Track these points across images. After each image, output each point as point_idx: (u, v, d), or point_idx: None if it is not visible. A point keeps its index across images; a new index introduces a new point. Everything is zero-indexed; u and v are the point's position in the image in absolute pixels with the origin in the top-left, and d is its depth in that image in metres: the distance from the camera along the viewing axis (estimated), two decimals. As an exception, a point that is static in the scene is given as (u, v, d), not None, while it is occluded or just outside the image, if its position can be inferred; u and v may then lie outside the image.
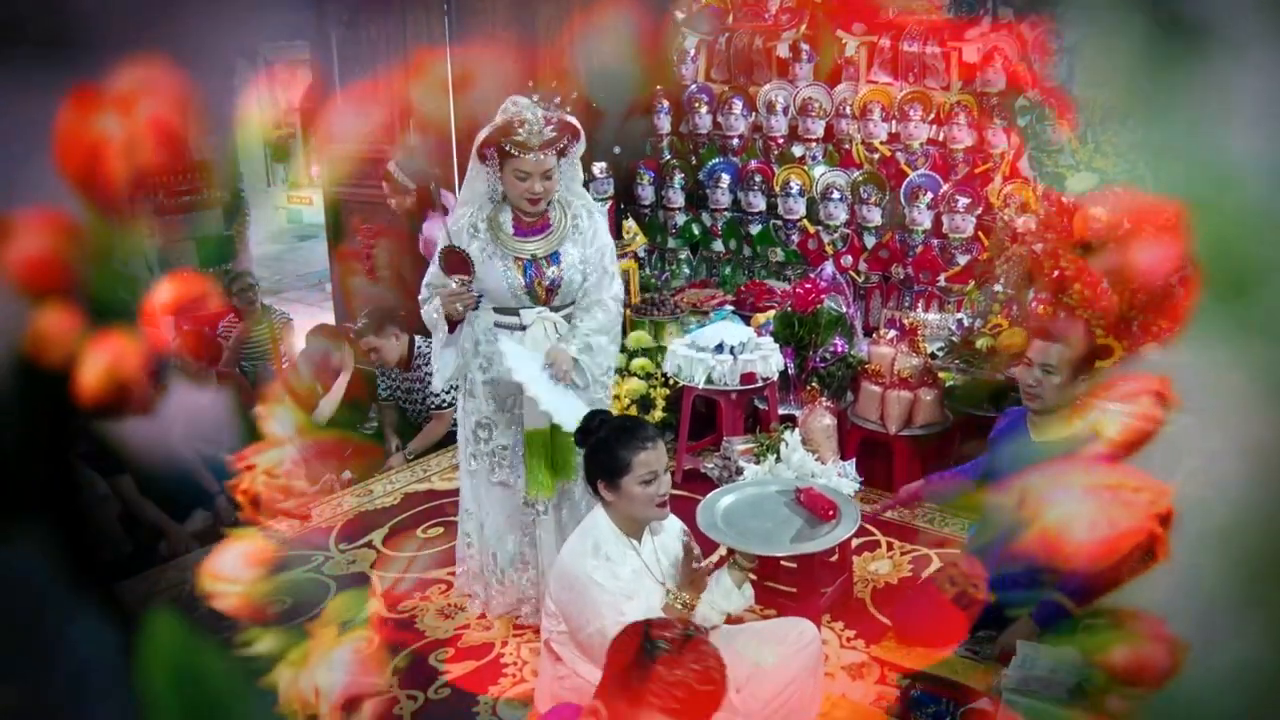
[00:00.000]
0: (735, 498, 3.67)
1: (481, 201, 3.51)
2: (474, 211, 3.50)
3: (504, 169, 3.39)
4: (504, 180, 3.41)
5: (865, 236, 5.63)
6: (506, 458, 3.63)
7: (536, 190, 3.36)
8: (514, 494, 3.65)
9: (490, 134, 3.34)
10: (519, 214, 3.47)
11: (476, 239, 3.46)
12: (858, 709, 3.29)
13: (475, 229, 3.47)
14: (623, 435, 2.91)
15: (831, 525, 3.48)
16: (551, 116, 3.34)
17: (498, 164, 3.41)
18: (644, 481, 2.88)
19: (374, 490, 4.99)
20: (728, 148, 6.13)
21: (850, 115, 5.65)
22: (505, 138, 3.31)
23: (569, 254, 3.50)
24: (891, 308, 5.57)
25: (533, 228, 3.48)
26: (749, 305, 5.60)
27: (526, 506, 3.61)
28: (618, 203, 6.08)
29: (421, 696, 3.39)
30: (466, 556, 3.90)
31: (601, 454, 2.93)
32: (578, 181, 3.62)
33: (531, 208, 3.42)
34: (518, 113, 3.30)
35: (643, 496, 2.89)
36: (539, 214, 3.46)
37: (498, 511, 3.71)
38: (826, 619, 3.71)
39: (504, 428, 3.61)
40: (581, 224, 3.54)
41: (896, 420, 4.73)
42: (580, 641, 2.89)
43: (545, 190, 3.38)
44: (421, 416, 5.44)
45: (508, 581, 3.76)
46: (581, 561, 2.88)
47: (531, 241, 3.48)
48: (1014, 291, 4.68)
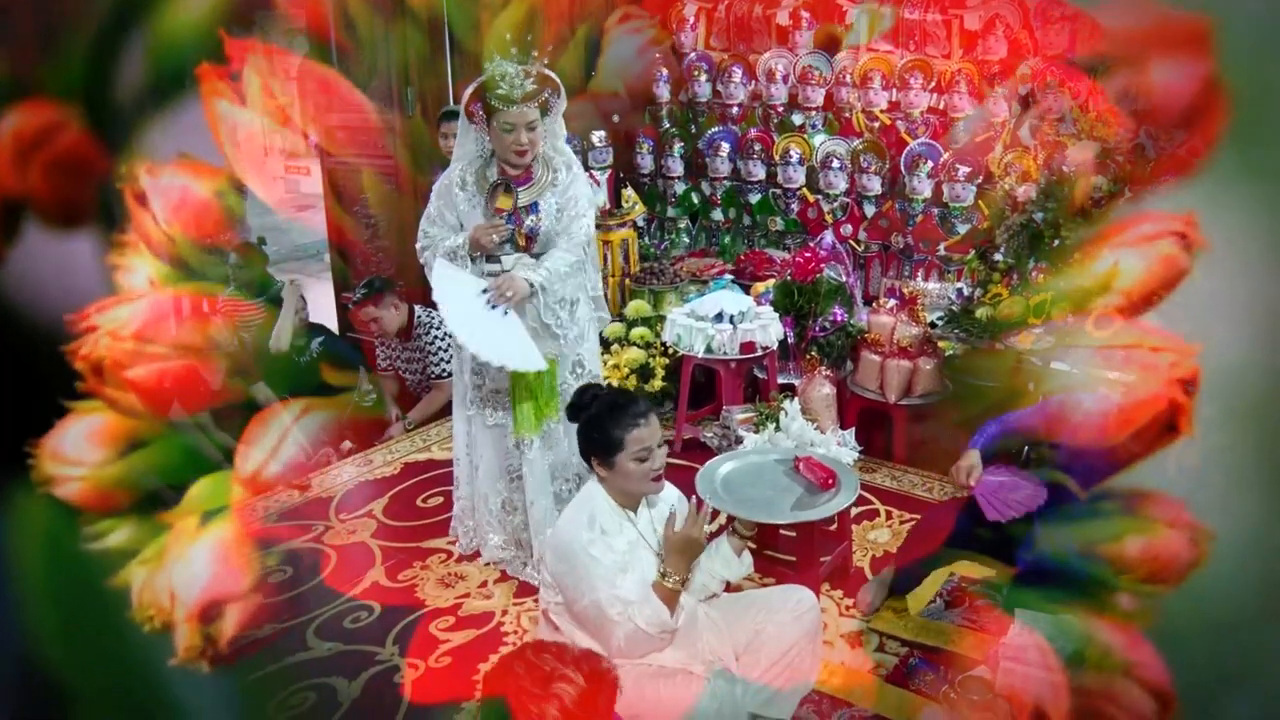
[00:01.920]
0: (734, 465, 3.70)
1: (472, 158, 3.72)
2: (464, 166, 3.72)
3: (491, 124, 3.57)
4: (492, 136, 3.60)
5: (865, 205, 5.61)
6: (502, 401, 3.77)
7: (522, 142, 3.53)
8: (505, 435, 3.80)
9: (474, 90, 3.55)
10: (505, 168, 3.64)
11: (464, 190, 3.69)
12: (856, 676, 3.31)
13: (464, 182, 3.69)
14: (615, 412, 2.90)
15: (831, 494, 3.50)
16: (530, 70, 3.51)
17: (485, 120, 3.60)
18: (638, 458, 2.88)
19: (374, 460, 5.00)
20: (727, 116, 6.10)
21: (850, 83, 5.62)
22: (490, 92, 3.49)
23: (547, 203, 3.68)
24: (891, 277, 5.56)
25: (517, 180, 3.65)
26: (748, 274, 5.59)
27: (515, 449, 3.78)
28: (616, 171, 6.05)
29: (422, 665, 3.41)
30: (457, 498, 4.08)
31: (594, 432, 2.93)
32: (560, 138, 3.79)
33: (518, 159, 3.59)
34: (498, 67, 3.48)
35: (637, 472, 2.90)
36: (524, 166, 3.63)
37: (491, 454, 3.87)
38: (826, 587, 3.73)
39: (495, 372, 3.71)
40: (560, 177, 3.71)
41: (896, 389, 4.73)
42: (576, 613, 2.90)
43: (530, 142, 3.55)
44: (421, 386, 5.44)
45: (499, 525, 3.93)
46: (577, 534, 2.89)
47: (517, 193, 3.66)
48: (1014, 260, 4.67)
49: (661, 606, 2.85)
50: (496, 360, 3.51)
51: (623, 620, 2.81)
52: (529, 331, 3.60)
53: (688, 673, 2.88)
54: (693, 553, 2.96)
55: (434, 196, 3.77)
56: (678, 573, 2.90)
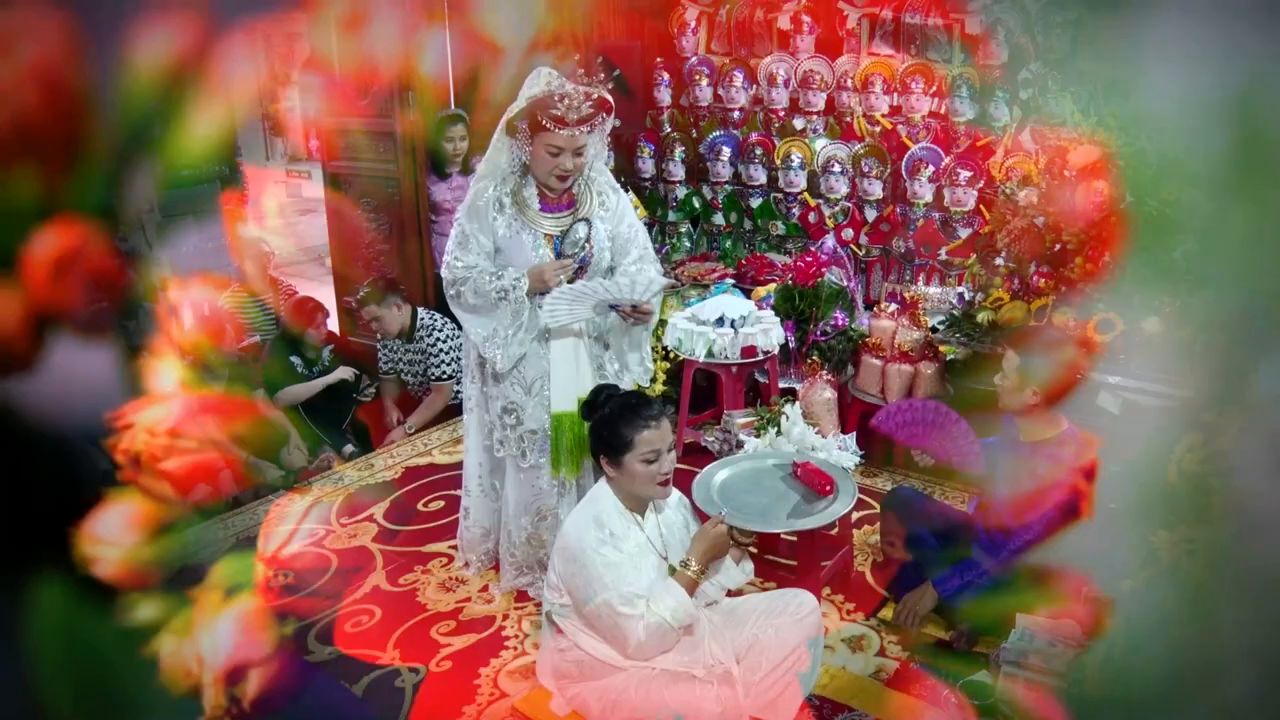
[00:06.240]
0: (731, 472, 3.66)
1: (504, 175, 3.43)
2: (496, 185, 3.42)
3: (534, 142, 3.30)
4: (533, 154, 3.33)
5: (866, 210, 5.61)
6: (536, 442, 3.57)
7: (567, 167, 3.30)
8: (539, 476, 3.61)
9: (526, 106, 3.25)
10: (544, 189, 3.41)
11: (502, 214, 3.40)
12: (857, 681, 3.31)
13: (500, 204, 3.40)
14: (627, 412, 2.92)
15: (828, 500, 3.47)
16: (592, 92, 3.25)
17: (528, 137, 3.31)
18: (646, 460, 2.89)
19: (375, 464, 5.00)
20: (728, 120, 6.10)
21: (852, 88, 5.62)
22: (542, 111, 3.22)
23: (598, 230, 3.46)
24: (892, 281, 5.56)
25: (558, 204, 3.43)
26: (750, 279, 5.59)
27: (548, 489, 3.61)
28: (617, 176, 6.04)
29: (423, 669, 3.41)
30: (466, 526, 3.93)
31: (605, 429, 2.94)
32: (601, 158, 3.58)
33: (559, 184, 3.37)
34: (559, 87, 3.21)
35: (645, 474, 2.91)
36: (563, 191, 3.41)
37: (521, 494, 3.65)
38: (826, 592, 3.72)
39: (531, 411, 3.54)
40: (609, 201, 3.51)
41: (897, 394, 4.73)
42: (586, 615, 2.90)
43: (575, 167, 3.32)
44: (422, 389, 5.44)
45: (519, 556, 3.76)
46: (585, 534, 2.89)
47: (559, 217, 3.44)
48: (1015, 265, 4.68)
49: (683, 594, 2.86)
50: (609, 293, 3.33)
51: (641, 616, 2.81)
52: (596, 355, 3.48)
53: (690, 677, 2.88)
54: (718, 550, 2.98)
55: (464, 218, 3.45)
56: (699, 563, 2.92)
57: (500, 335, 3.43)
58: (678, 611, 2.84)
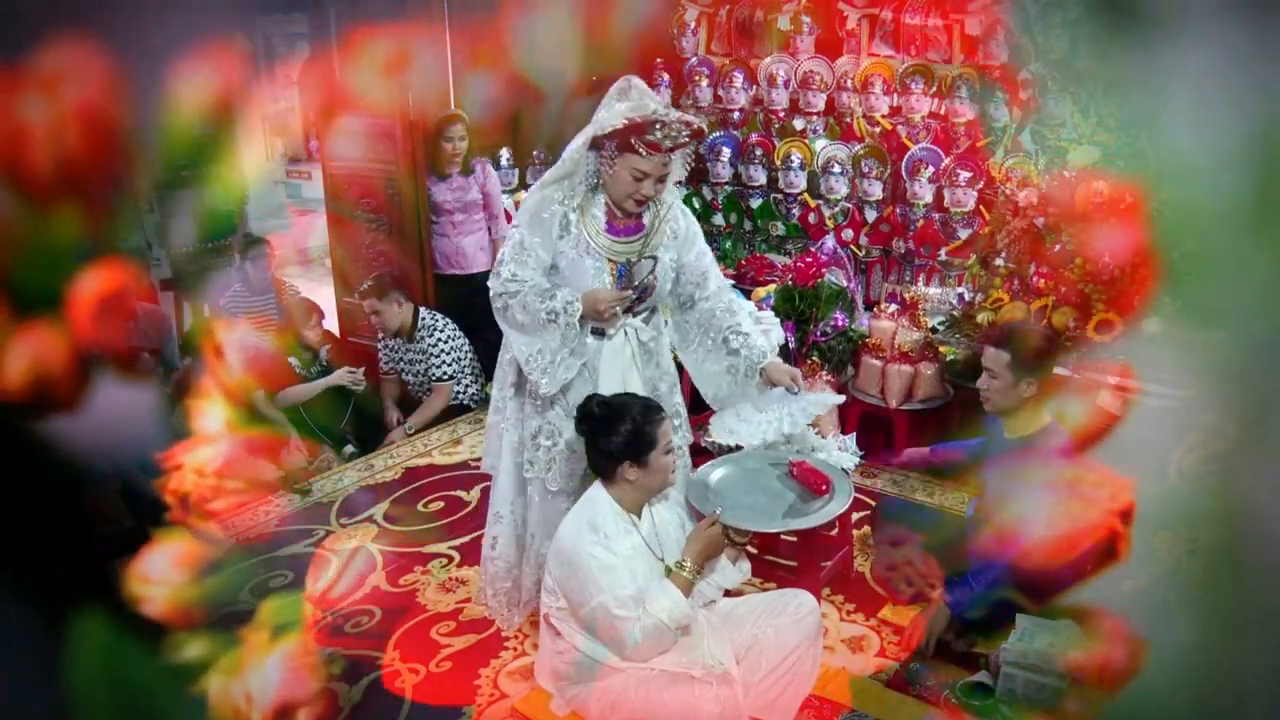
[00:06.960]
0: (726, 471, 3.59)
1: (574, 187, 3.19)
2: (565, 198, 3.18)
3: (618, 163, 3.09)
4: (614, 174, 3.11)
5: (866, 210, 5.61)
6: (570, 460, 3.34)
7: (647, 192, 3.10)
8: (565, 499, 3.37)
9: (623, 127, 3.02)
10: (614, 209, 3.20)
11: (568, 235, 3.18)
12: (857, 681, 3.31)
13: (566, 224, 3.18)
14: (647, 411, 2.98)
15: (824, 500, 3.41)
16: (691, 121, 3.08)
17: (613, 156, 3.10)
18: (667, 450, 2.98)
19: (375, 464, 5.00)
20: (728, 121, 6.10)
21: (851, 88, 5.62)
22: (637, 134, 3.02)
23: (663, 259, 3.27)
24: (892, 282, 5.56)
25: (626, 227, 3.22)
26: (750, 279, 5.59)
27: None
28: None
29: (423, 670, 3.41)
30: (490, 559, 3.61)
31: (634, 435, 2.94)
32: (674, 178, 3.34)
33: (635, 208, 3.17)
34: (658, 112, 3.03)
35: (666, 465, 3.00)
36: (637, 215, 3.24)
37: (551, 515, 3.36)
38: (826, 592, 3.72)
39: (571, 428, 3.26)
40: (679, 227, 3.31)
41: (897, 394, 4.73)
42: (582, 618, 2.90)
43: (655, 193, 3.14)
44: (423, 389, 5.44)
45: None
46: (579, 539, 2.90)
47: (626, 242, 3.23)
48: (1015, 265, 4.68)
49: (679, 594, 2.87)
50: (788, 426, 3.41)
51: (637, 618, 2.81)
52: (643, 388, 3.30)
53: (689, 677, 2.88)
54: (713, 550, 3.01)
55: (526, 227, 3.20)
56: (694, 563, 2.94)
57: (545, 357, 3.21)
58: (674, 612, 2.85)
